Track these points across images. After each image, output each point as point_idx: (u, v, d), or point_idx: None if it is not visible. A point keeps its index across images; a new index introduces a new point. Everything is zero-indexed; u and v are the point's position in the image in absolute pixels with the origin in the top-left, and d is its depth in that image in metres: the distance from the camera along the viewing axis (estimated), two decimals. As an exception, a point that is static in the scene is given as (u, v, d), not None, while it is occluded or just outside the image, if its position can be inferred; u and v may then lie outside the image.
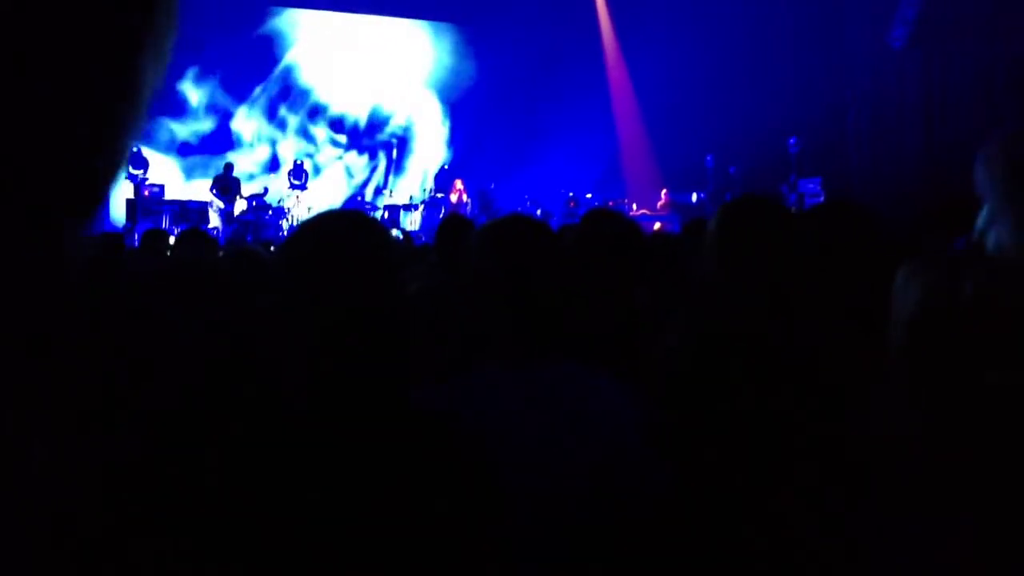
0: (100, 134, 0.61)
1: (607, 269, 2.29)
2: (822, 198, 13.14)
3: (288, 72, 18.36)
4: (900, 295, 0.95)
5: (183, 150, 17.28)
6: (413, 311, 2.50)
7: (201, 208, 14.52)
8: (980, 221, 1.43)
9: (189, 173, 17.10)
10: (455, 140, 19.88)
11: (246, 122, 18.00)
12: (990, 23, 12.76)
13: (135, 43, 0.61)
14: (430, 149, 19.65)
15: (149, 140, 16.14)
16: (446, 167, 17.84)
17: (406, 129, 19.55)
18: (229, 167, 15.13)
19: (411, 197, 17.38)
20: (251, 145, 17.96)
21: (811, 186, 13.82)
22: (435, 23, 19.39)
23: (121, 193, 14.92)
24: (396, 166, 18.45)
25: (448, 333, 2.21)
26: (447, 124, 19.90)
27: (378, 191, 17.89)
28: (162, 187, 14.91)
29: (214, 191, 14.60)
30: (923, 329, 0.90)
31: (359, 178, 19.02)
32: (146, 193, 14.52)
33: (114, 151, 0.63)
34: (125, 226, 13.65)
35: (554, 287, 1.69)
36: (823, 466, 1.21)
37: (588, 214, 2.56)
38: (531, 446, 1.58)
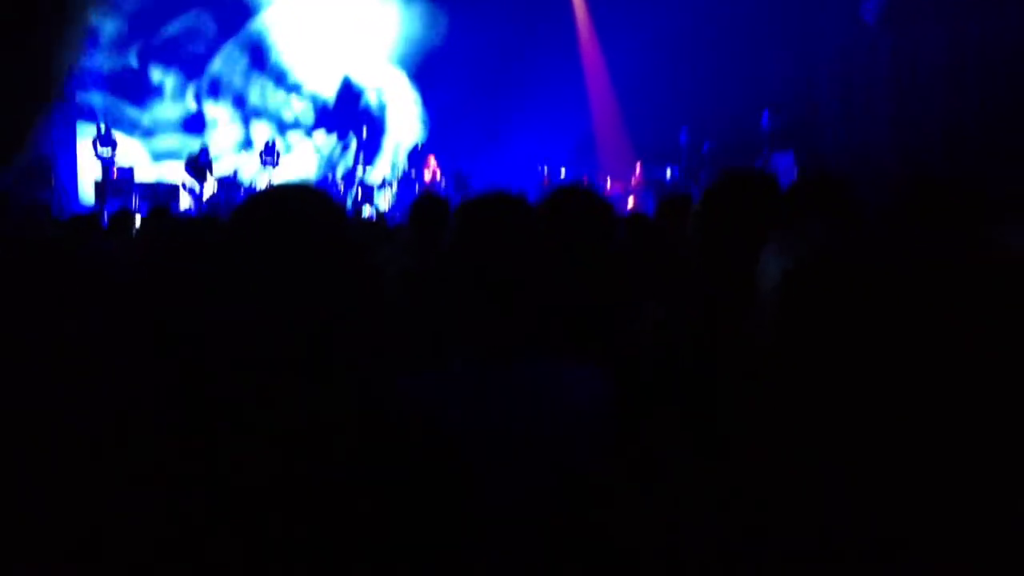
0: (23, 72, 0.57)
1: (573, 249, 2.23)
2: (795, 173, 13.18)
3: (256, 50, 18.11)
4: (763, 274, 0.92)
5: (147, 132, 17.03)
6: (389, 293, 2.46)
7: (171, 189, 14.38)
8: None
9: (157, 156, 16.87)
10: (427, 117, 19.76)
11: (214, 102, 17.77)
12: (959, 1, 12.81)
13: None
14: (402, 127, 19.52)
15: (115, 122, 15.90)
16: (419, 145, 17.73)
17: (377, 107, 19.40)
18: (204, 150, 14.99)
19: (385, 177, 17.27)
20: (216, 124, 17.74)
21: (785, 161, 13.83)
22: (407, -1, 19.21)
23: (90, 174, 14.75)
24: (368, 144, 18.31)
25: (426, 318, 2.17)
26: (419, 101, 19.76)
27: (351, 170, 17.75)
28: (131, 168, 14.73)
29: (189, 172, 14.50)
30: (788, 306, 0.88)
31: (331, 156, 18.87)
32: (115, 174, 14.35)
33: (38, 90, 0.59)
34: (94, 207, 13.48)
35: (532, 270, 1.65)
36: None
37: (553, 192, 2.45)
38: (505, 440, 1.55)
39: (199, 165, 14.57)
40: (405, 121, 19.60)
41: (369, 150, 18.38)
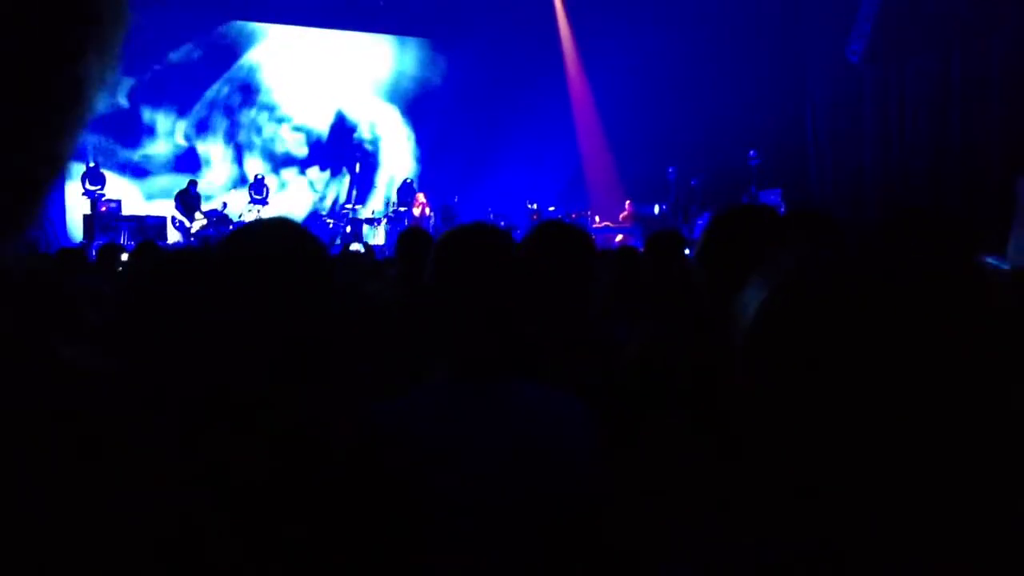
0: (37, 145, 0.58)
1: (555, 280, 2.26)
2: (783, 209, 13.28)
3: (249, 87, 18.22)
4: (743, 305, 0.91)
5: (140, 171, 17.07)
6: (372, 320, 2.46)
7: (159, 224, 14.38)
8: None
9: (150, 195, 16.91)
10: (418, 154, 19.86)
11: (207, 139, 17.83)
12: (944, 36, 13.01)
13: (76, 52, 0.58)
14: (393, 163, 19.61)
15: (107, 161, 15.95)
16: (409, 181, 17.81)
17: (371, 143, 19.49)
18: (192, 184, 15.05)
19: (374, 211, 17.31)
20: (209, 162, 17.79)
21: (772, 198, 13.95)
22: (398, 37, 19.37)
23: (78, 209, 14.78)
24: (361, 180, 18.38)
25: (406, 345, 2.17)
26: (410, 138, 19.88)
27: (341, 206, 17.80)
28: (119, 203, 14.74)
29: (178, 208, 14.55)
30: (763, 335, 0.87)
31: (322, 192, 18.92)
32: (103, 209, 14.36)
33: (50, 162, 0.60)
34: (82, 242, 13.47)
35: (511, 298, 1.65)
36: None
37: (536, 227, 2.51)
38: (480, 462, 1.54)
39: (188, 200, 14.61)
40: (397, 157, 19.69)
41: (362, 186, 18.46)
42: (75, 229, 14.88)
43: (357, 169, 17.97)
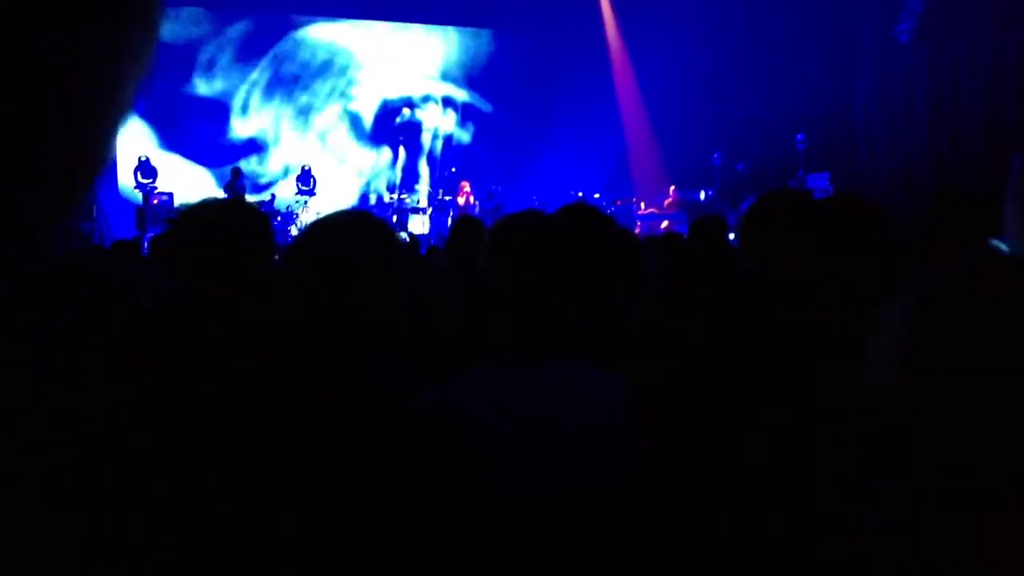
0: (76, 135, 0.60)
1: (580, 264, 2.27)
2: (831, 193, 13.07)
3: (296, 77, 18.42)
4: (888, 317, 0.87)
5: (214, 160, 17.38)
6: (411, 309, 2.50)
7: (210, 215, 14.59)
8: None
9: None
10: (463, 142, 19.91)
11: (264, 128, 18.10)
12: (997, 14, 12.69)
13: (103, 43, 0.60)
14: (439, 151, 19.70)
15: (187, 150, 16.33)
16: (453, 170, 17.87)
17: (415, 131, 19.56)
18: (238, 173, 15.23)
19: (417, 200, 17.41)
20: (264, 151, 18.04)
21: (820, 182, 13.74)
22: (442, 27, 19.42)
23: (131, 202, 15.09)
24: (405, 169, 18.51)
25: (455, 332, 2.21)
26: (454, 126, 19.93)
27: (387, 193, 17.93)
28: (171, 195, 14.99)
29: (228, 196, 14.74)
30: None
31: (368, 181, 19.05)
32: (155, 201, 14.62)
33: (91, 152, 0.61)
34: (135, 234, 13.72)
35: (558, 284, 1.68)
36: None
37: (561, 210, 2.48)
38: (530, 444, 1.57)
39: (236, 190, 14.79)
40: (442, 146, 19.77)
41: (406, 175, 18.58)
42: (128, 222, 15.18)
43: (402, 159, 18.07)
